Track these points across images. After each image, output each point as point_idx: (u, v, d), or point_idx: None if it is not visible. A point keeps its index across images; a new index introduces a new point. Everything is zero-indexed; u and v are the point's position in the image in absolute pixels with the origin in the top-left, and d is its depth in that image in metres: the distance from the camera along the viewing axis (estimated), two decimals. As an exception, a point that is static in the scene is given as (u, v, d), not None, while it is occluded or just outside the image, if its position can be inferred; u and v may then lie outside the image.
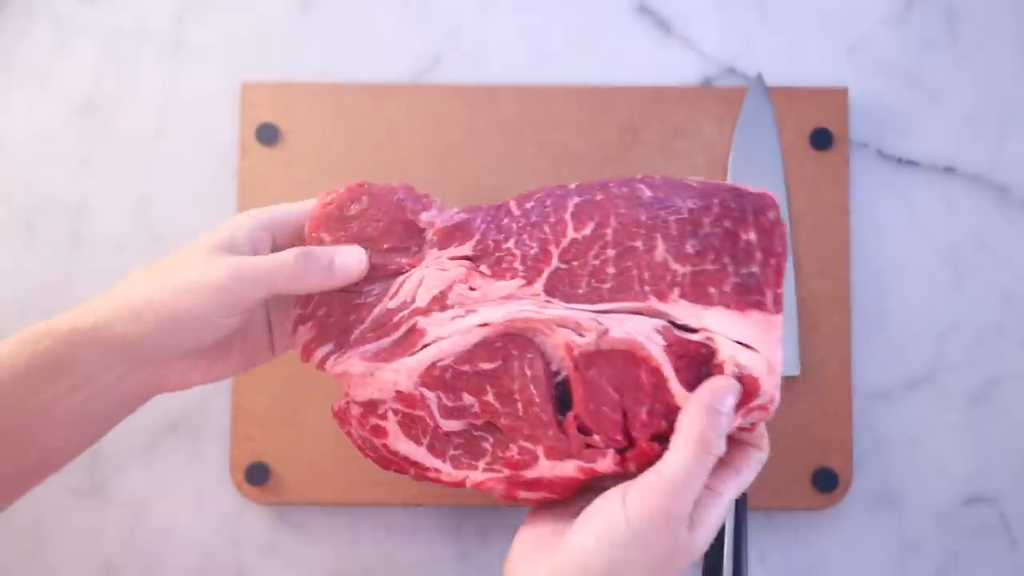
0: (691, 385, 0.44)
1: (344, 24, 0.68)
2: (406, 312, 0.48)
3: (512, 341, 0.46)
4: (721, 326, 0.44)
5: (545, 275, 0.47)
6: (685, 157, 0.65)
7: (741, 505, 0.60)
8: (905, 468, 0.65)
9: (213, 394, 0.65)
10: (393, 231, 0.49)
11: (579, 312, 0.46)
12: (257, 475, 0.63)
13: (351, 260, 0.48)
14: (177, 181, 0.66)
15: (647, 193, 0.47)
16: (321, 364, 0.49)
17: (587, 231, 0.47)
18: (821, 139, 0.65)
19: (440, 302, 0.48)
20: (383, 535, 0.64)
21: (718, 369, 0.44)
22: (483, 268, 0.48)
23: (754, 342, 0.44)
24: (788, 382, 0.63)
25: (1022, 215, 0.66)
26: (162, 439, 0.65)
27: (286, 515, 0.65)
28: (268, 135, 0.65)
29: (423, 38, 0.67)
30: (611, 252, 0.46)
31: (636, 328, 0.45)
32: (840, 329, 0.64)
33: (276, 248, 0.50)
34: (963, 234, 0.66)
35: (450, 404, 0.47)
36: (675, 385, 0.44)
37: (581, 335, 0.45)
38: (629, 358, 0.45)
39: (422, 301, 0.48)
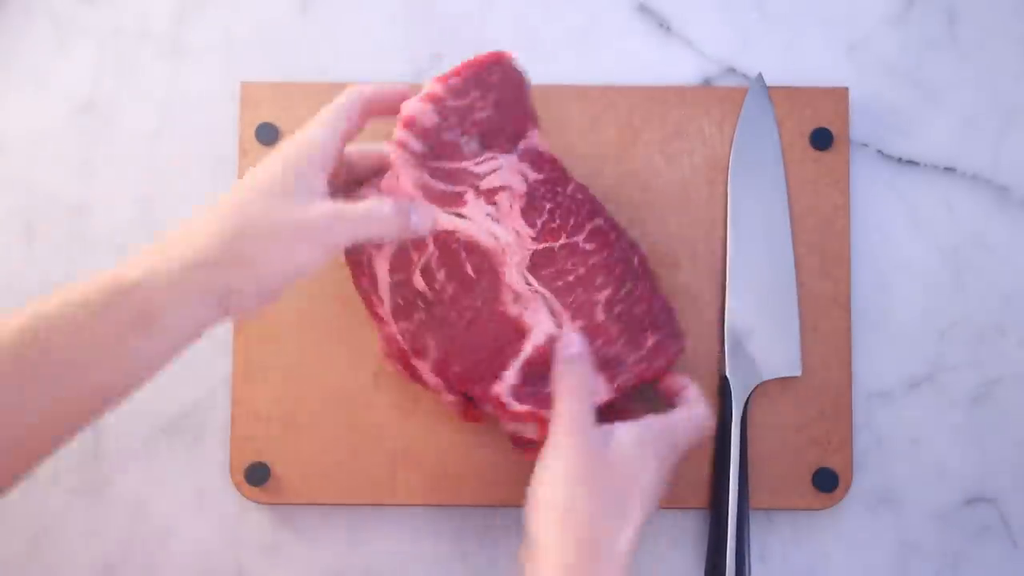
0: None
1: (344, 24, 0.68)
2: (466, 184, 0.58)
3: (487, 269, 0.58)
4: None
5: (537, 249, 0.59)
6: (685, 157, 0.65)
7: (743, 504, 0.60)
8: (905, 468, 0.65)
9: (213, 394, 0.65)
10: (501, 127, 0.58)
11: (544, 297, 0.58)
12: (257, 475, 0.63)
13: (427, 221, 0.54)
14: (177, 181, 0.66)
15: (619, 256, 0.60)
16: None
17: (577, 248, 0.59)
18: (821, 139, 0.65)
19: (490, 196, 0.58)
20: (383, 535, 0.64)
21: None
22: (521, 205, 0.59)
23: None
24: (788, 382, 0.63)
25: (1022, 215, 0.66)
26: (162, 439, 0.65)
27: (286, 515, 0.65)
28: (268, 135, 0.65)
29: (423, 37, 0.67)
30: (574, 277, 0.59)
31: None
32: (840, 329, 0.64)
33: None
34: (963, 234, 0.66)
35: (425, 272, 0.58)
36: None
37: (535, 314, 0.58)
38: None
39: (484, 182, 0.58)
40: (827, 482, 0.63)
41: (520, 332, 0.57)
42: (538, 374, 0.57)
